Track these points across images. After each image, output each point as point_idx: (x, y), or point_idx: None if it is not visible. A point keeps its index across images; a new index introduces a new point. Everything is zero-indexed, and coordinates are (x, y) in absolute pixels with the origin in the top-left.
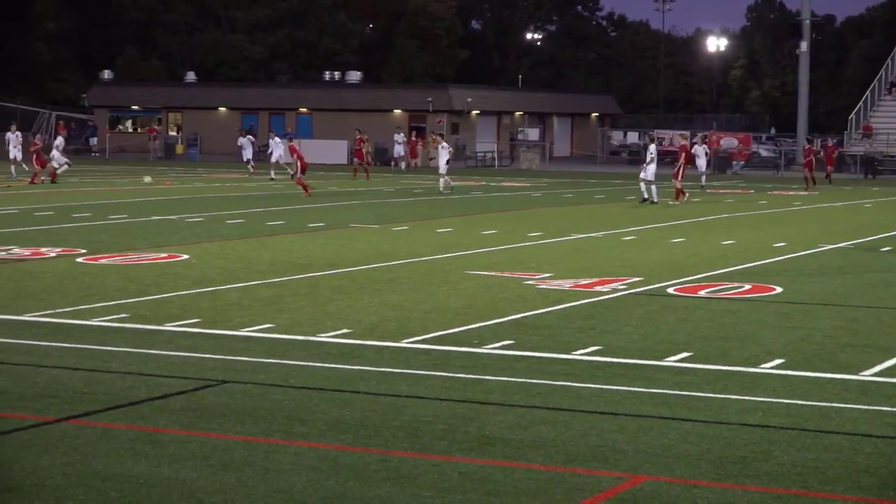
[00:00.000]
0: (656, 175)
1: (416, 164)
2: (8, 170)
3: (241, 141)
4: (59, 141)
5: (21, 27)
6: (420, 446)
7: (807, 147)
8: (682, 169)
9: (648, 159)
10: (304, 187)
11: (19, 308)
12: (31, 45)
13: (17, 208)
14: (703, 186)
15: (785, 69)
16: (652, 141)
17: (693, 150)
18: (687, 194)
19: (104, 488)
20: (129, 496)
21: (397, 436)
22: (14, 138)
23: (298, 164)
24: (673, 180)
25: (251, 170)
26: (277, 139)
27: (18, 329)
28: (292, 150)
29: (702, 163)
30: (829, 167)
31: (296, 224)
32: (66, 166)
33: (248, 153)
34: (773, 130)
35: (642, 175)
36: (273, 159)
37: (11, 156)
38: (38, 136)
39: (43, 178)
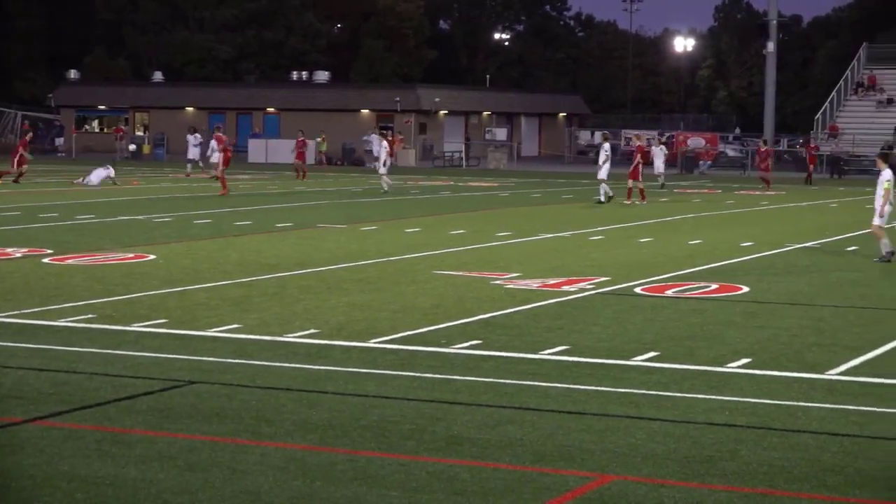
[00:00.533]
0: (611, 174)
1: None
2: None
3: (189, 138)
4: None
5: None
6: (387, 446)
7: (763, 149)
8: (637, 169)
9: (603, 158)
10: (223, 184)
11: None
12: None
13: None
14: (662, 185)
15: (752, 69)
16: (606, 139)
17: (651, 151)
18: (645, 198)
19: (70, 489)
20: (95, 497)
21: (365, 436)
22: None
23: (222, 157)
24: (629, 180)
25: (188, 171)
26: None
27: None
28: (218, 141)
29: (659, 163)
30: (811, 167)
31: (264, 224)
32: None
33: (192, 153)
34: (738, 130)
35: (599, 175)
36: (213, 159)
37: None
38: (29, 134)
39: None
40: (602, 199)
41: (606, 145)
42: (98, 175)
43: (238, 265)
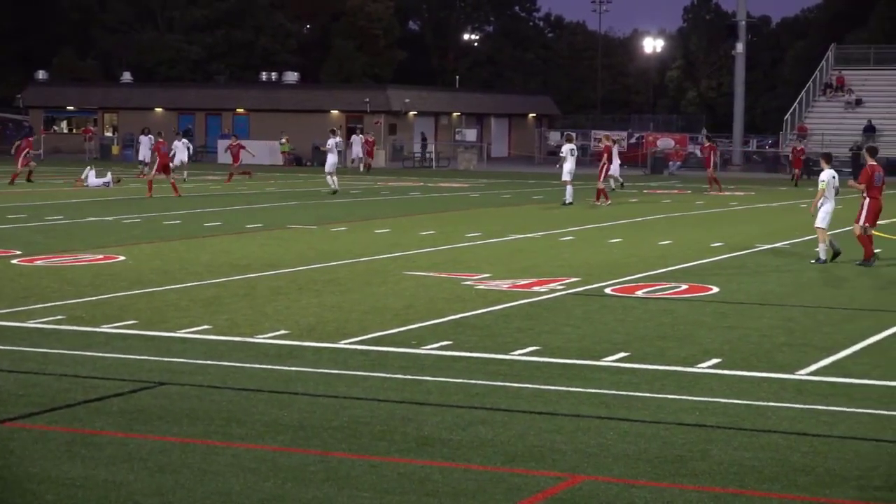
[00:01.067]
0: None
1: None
2: None
3: (143, 139)
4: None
5: None
6: (358, 447)
7: (706, 145)
8: (605, 170)
9: (565, 159)
10: (150, 187)
11: None
12: None
13: None
14: (622, 185)
15: (721, 70)
16: (569, 141)
17: (560, 151)
18: (609, 199)
19: (40, 491)
20: (65, 499)
21: (336, 437)
22: None
23: (157, 161)
24: (597, 181)
25: (143, 171)
26: (179, 142)
27: None
28: (156, 147)
29: (567, 166)
30: (797, 169)
31: (234, 225)
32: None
33: (144, 154)
34: (704, 131)
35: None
36: (175, 162)
37: None
38: (32, 135)
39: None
40: (569, 200)
41: (566, 146)
42: (95, 180)
43: (208, 266)
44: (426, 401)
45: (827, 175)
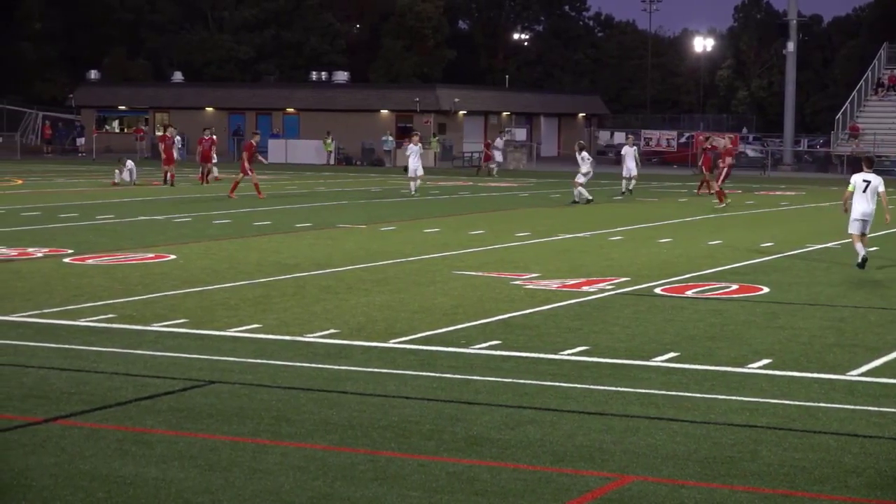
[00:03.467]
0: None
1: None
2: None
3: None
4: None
5: (8, 27)
6: (408, 446)
7: (706, 139)
8: (725, 172)
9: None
10: (234, 187)
11: (6, 308)
12: (17, 44)
13: (3, 208)
14: (630, 191)
15: (772, 69)
16: (582, 149)
17: (623, 152)
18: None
19: (91, 489)
20: (116, 496)
21: (385, 436)
22: None
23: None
24: (716, 183)
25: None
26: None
27: (5, 329)
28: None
29: (631, 166)
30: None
31: (283, 224)
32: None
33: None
34: (744, 130)
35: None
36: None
37: None
38: (171, 129)
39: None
40: (578, 199)
41: (584, 153)
42: (124, 176)
43: (257, 265)
44: (475, 400)
45: (856, 178)
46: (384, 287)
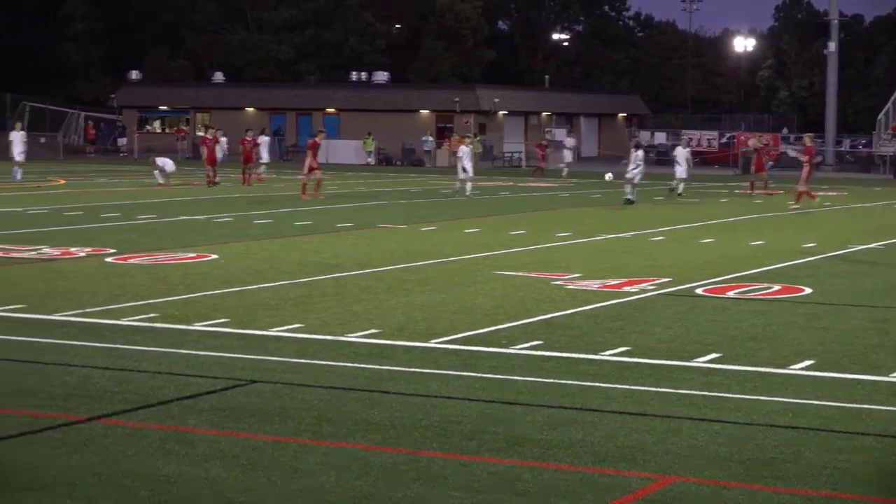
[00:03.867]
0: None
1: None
2: (16, 171)
3: (261, 139)
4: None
5: (50, 28)
6: (449, 446)
7: (760, 140)
8: (808, 171)
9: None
10: (304, 189)
11: (49, 307)
12: (60, 45)
13: (46, 208)
14: (679, 194)
15: (813, 69)
16: (638, 147)
17: (675, 153)
18: (815, 196)
19: (134, 487)
20: (159, 495)
21: (426, 436)
22: (19, 138)
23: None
24: (799, 184)
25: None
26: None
27: (49, 328)
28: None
29: (681, 169)
30: None
31: (324, 224)
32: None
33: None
34: (785, 131)
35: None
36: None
37: (17, 157)
38: (215, 130)
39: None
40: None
41: (640, 152)
42: (165, 164)
43: (298, 265)
44: (516, 400)
45: None
46: (425, 287)
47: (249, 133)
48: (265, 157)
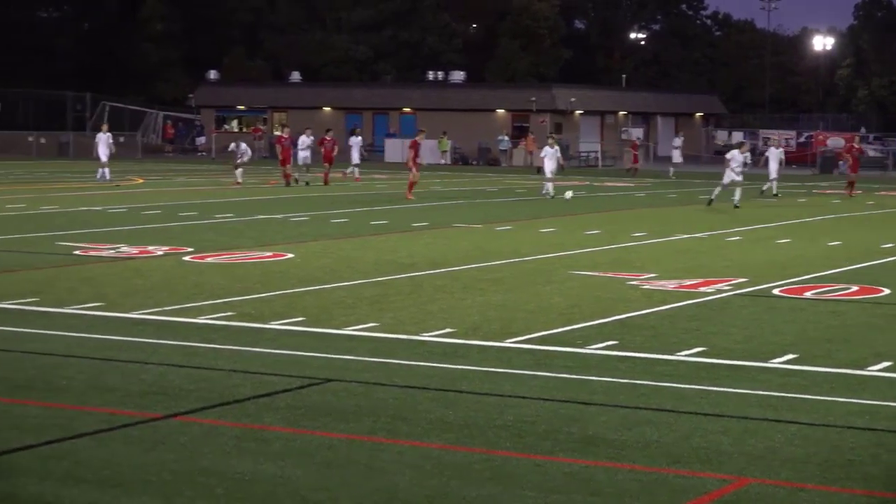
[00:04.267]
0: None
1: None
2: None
3: (353, 140)
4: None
5: (130, 29)
6: (523, 446)
7: (849, 143)
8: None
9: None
10: (410, 188)
11: (127, 305)
12: (139, 46)
13: (125, 207)
14: (775, 194)
15: (893, 68)
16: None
17: (767, 153)
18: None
19: (210, 485)
20: (234, 492)
21: (501, 435)
22: (105, 139)
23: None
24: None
25: (354, 174)
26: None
27: (127, 326)
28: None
29: (773, 167)
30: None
31: (399, 224)
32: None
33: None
34: (863, 130)
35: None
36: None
37: (103, 157)
38: (286, 128)
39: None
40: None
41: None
42: (246, 153)
43: (374, 264)
44: (591, 401)
45: None
46: (500, 286)
47: (329, 133)
48: (356, 157)
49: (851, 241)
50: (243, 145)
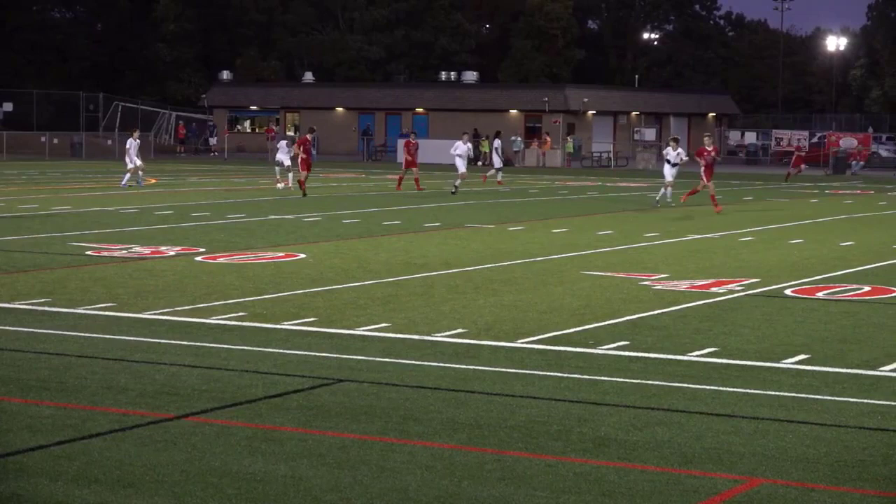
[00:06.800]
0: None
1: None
2: (134, 174)
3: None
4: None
5: (143, 29)
6: (535, 446)
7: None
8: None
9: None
10: (417, 183)
11: (139, 306)
12: (152, 46)
13: (137, 207)
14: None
15: None
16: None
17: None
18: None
19: (221, 485)
20: (246, 493)
21: (512, 436)
22: (135, 145)
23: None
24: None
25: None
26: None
27: (139, 327)
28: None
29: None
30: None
31: (412, 224)
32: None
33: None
34: (871, 130)
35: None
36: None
37: (132, 163)
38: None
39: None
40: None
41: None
42: (283, 153)
43: (386, 265)
44: (603, 401)
45: None
46: (512, 287)
47: (311, 133)
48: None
49: (864, 242)
50: (280, 158)
